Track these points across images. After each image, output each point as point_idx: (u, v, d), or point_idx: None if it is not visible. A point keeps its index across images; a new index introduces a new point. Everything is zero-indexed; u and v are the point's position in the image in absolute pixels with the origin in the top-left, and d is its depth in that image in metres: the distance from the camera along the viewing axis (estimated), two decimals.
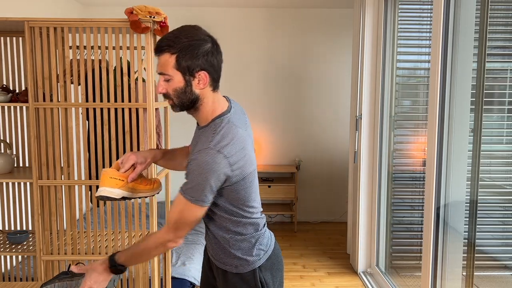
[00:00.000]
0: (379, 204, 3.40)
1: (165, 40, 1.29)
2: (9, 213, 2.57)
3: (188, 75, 1.30)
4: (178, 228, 1.33)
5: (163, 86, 1.32)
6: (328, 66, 4.83)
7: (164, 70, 1.30)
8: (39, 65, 2.17)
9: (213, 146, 1.27)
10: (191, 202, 1.29)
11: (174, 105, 1.36)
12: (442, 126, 2.29)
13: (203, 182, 1.27)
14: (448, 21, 2.25)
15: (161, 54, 1.30)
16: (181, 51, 1.27)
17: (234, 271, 1.46)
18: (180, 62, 1.28)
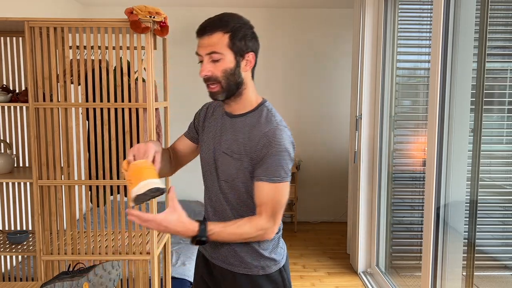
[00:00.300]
0: (379, 204, 3.40)
1: (216, 21, 1.28)
2: (9, 213, 2.58)
3: (239, 56, 1.29)
4: (275, 215, 1.29)
5: (209, 68, 1.27)
6: (328, 66, 4.83)
7: (216, 49, 1.26)
8: (39, 65, 2.17)
9: (280, 124, 1.31)
10: (280, 182, 1.28)
11: (221, 90, 1.30)
12: (442, 126, 2.29)
13: (286, 158, 1.28)
14: (448, 21, 2.25)
15: (213, 33, 1.26)
16: (234, 30, 1.27)
17: (261, 273, 1.39)
18: (234, 41, 1.27)
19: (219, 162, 1.37)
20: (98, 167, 2.23)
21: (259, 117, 1.34)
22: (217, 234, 1.25)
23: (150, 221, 1.17)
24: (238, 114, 1.37)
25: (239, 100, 1.35)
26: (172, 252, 3.38)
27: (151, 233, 2.27)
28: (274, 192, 1.28)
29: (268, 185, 1.27)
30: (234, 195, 1.36)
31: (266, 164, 1.27)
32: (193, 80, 4.80)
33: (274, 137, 1.27)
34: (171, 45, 4.52)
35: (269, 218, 1.29)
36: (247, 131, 1.32)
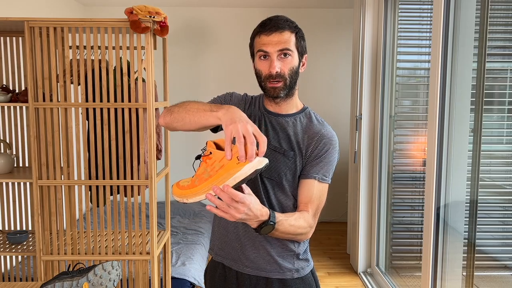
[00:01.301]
0: (379, 204, 3.40)
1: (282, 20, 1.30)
2: (9, 213, 2.58)
3: (300, 56, 1.33)
4: (317, 213, 1.31)
5: (279, 65, 1.28)
6: (328, 66, 4.83)
7: (288, 45, 1.29)
8: (39, 65, 2.17)
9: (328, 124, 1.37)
10: (326, 182, 1.31)
11: (285, 87, 1.30)
12: (442, 126, 2.29)
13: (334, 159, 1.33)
14: (448, 21, 2.25)
15: (283, 31, 1.28)
16: (298, 30, 1.32)
17: (295, 276, 1.35)
18: (299, 40, 1.32)
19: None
20: (98, 167, 2.23)
21: (310, 118, 1.37)
22: (281, 222, 1.19)
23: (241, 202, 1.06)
24: (286, 114, 1.37)
25: (290, 100, 1.36)
26: (172, 252, 3.38)
27: (151, 233, 2.27)
28: (321, 192, 1.31)
29: (318, 184, 1.30)
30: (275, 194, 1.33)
31: (321, 163, 1.30)
32: (193, 80, 4.80)
33: (332, 139, 1.32)
34: (171, 45, 4.52)
35: (313, 216, 1.30)
36: (301, 130, 1.34)
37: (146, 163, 2.28)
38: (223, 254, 1.41)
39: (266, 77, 1.30)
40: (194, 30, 4.73)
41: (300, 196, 1.30)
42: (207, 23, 4.75)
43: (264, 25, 1.29)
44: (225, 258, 1.41)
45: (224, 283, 1.41)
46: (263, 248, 1.33)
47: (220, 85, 4.82)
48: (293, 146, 1.31)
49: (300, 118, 1.36)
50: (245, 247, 1.35)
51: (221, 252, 1.42)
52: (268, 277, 1.34)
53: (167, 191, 2.56)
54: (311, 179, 1.29)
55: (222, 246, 1.42)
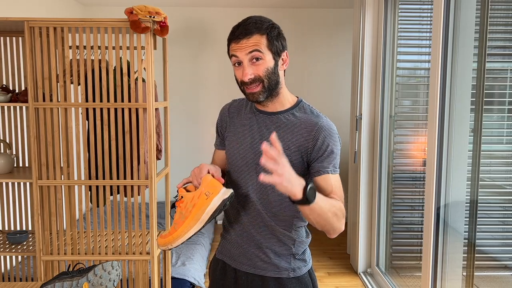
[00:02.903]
0: (379, 204, 3.40)
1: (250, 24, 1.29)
2: (9, 213, 2.57)
3: (276, 55, 1.31)
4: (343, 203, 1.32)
5: (251, 71, 1.27)
6: (328, 66, 4.83)
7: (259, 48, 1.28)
8: (39, 65, 2.17)
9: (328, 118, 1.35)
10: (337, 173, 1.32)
11: (263, 90, 1.29)
12: (442, 126, 2.29)
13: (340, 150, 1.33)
14: (448, 21, 2.24)
15: (251, 36, 1.27)
16: (270, 30, 1.29)
17: (292, 275, 1.36)
18: (271, 41, 1.29)
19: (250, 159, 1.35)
20: (98, 167, 2.23)
21: (304, 112, 1.35)
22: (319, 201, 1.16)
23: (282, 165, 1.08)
24: (278, 111, 1.36)
25: (276, 99, 1.35)
26: (172, 252, 3.38)
27: (151, 233, 2.27)
28: (338, 182, 1.31)
29: (334, 177, 1.30)
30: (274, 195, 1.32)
31: (328, 157, 1.29)
32: (193, 80, 4.80)
33: (330, 129, 1.31)
34: (171, 45, 4.52)
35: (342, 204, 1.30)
36: (296, 126, 1.32)
37: (146, 163, 2.28)
38: (224, 252, 1.45)
39: (242, 83, 1.30)
40: (194, 30, 4.73)
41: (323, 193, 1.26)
42: (207, 23, 4.75)
43: (233, 32, 1.29)
44: (225, 256, 1.44)
45: (224, 279, 1.44)
46: (259, 247, 1.35)
47: (220, 85, 4.82)
48: (289, 144, 1.30)
49: (294, 113, 1.34)
50: (242, 245, 1.37)
51: (222, 250, 1.47)
52: (264, 276, 1.36)
53: (167, 191, 2.56)
54: (325, 174, 1.28)
55: (223, 243, 1.46)
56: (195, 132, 4.80)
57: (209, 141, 4.62)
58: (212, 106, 4.80)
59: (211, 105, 4.83)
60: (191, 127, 4.78)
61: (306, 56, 4.81)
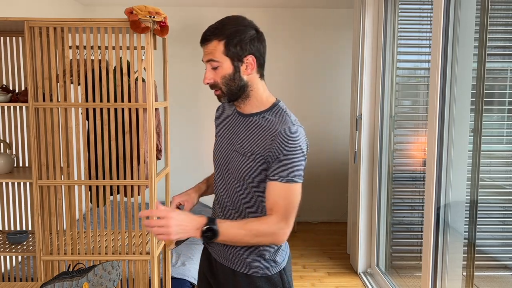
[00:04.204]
0: (379, 204, 3.40)
1: (212, 29, 1.31)
2: (9, 213, 2.58)
3: (237, 61, 1.31)
4: (288, 216, 1.29)
5: (210, 76, 1.32)
6: (328, 66, 4.83)
7: (213, 56, 1.30)
8: (39, 65, 2.17)
9: (295, 123, 1.32)
10: (293, 182, 1.28)
11: (222, 95, 1.34)
12: (442, 126, 2.29)
13: (300, 158, 1.29)
14: (448, 21, 2.24)
15: (209, 42, 1.30)
16: (229, 37, 1.29)
17: (260, 274, 1.38)
18: (228, 47, 1.29)
19: (231, 160, 1.38)
20: (98, 167, 2.23)
21: (274, 116, 1.34)
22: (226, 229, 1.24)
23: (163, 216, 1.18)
24: (251, 113, 1.38)
25: (248, 101, 1.37)
26: (172, 252, 3.38)
27: (151, 233, 2.27)
28: (287, 193, 1.28)
29: (282, 185, 1.27)
30: (244, 195, 1.37)
31: (280, 164, 1.27)
32: (193, 80, 4.80)
33: (289, 136, 1.27)
34: (171, 45, 4.52)
35: (281, 218, 1.28)
36: (261, 130, 1.33)
37: (146, 163, 2.28)
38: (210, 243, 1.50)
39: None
40: (194, 30, 4.73)
41: (266, 201, 1.30)
42: (207, 23, 4.72)
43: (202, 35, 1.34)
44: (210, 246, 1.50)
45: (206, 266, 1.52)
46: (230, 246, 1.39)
47: None
48: (253, 146, 1.32)
49: (266, 116, 1.35)
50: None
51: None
52: (236, 270, 1.40)
53: (167, 191, 2.56)
54: (273, 181, 1.28)
55: None
56: (195, 132, 4.80)
57: (209, 141, 4.62)
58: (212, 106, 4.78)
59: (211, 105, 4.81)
60: (191, 127, 4.78)
61: (306, 56, 4.81)
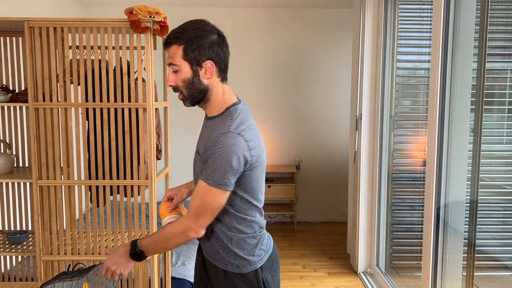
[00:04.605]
0: (379, 204, 3.40)
1: (173, 33, 1.35)
2: (9, 213, 2.57)
3: (195, 65, 1.35)
4: (200, 215, 1.33)
5: (172, 79, 1.36)
6: (328, 66, 4.83)
7: (173, 60, 1.35)
8: (39, 65, 2.17)
9: (233, 130, 1.32)
10: (213, 186, 1.31)
11: (185, 99, 1.39)
12: (442, 126, 2.29)
13: (225, 164, 1.29)
14: (448, 21, 2.24)
15: (170, 46, 1.35)
16: (187, 41, 1.33)
17: (236, 271, 1.44)
18: (187, 52, 1.33)
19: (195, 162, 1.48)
20: (98, 167, 2.23)
21: (221, 120, 1.39)
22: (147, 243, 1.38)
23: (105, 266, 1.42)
24: (211, 116, 1.44)
25: (208, 105, 1.43)
26: (172, 252, 3.38)
27: (151, 233, 2.26)
28: (204, 193, 1.32)
29: (203, 184, 1.33)
30: None
31: (207, 165, 1.33)
32: None
33: (218, 141, 1.30)
34: None
35: (192, 216, 1.34)
36: (209, 133, 1.39)
37: (146, 163, 2.28)
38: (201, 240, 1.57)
39: None
40: None
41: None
42: None
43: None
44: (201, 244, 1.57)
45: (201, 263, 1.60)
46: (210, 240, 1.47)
47: None
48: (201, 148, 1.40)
49: (216, 121, 1.40)
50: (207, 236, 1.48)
51: None
52: (217, 266, 1.47)
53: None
54: (199, 179, 1.35)
55: None
56: (195, 132, 4.80)
57: None
58: None
59: None
60: (191, 127, 4.78)
61: (306, 56, 4.81)
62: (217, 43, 1.37)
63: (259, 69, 4.77)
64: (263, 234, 1.50)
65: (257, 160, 1.36)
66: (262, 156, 1.40)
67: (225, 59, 1.41)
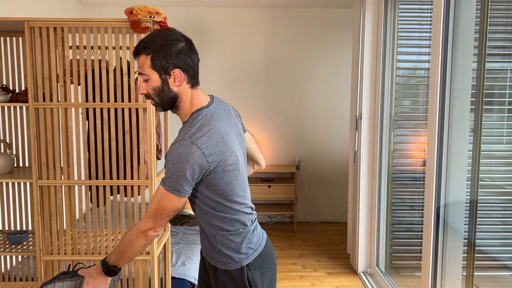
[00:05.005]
0: (379, 204, 3.40)
1: (141, 43, 1.38)
2: (9, 213, 2.57)
3: (164, 74, 1.37)
4: (157, 217, 1.37)
5: (143, 87, 1.39)
6: (328, 66, 4.83)
7: (142, 70, 1.37)
8: (39, 65, 2.17)
9: (188, 138, 1.33)
10: (169, 191, 1.35)
11: (156, 105, 1.43)
12: (442, 126, 2.29)
13: (178, 173, 1.32)
14: (448, 21, 2.25)
15: (138, 56, 1.38)
16: (155, 51, 1.35)
17: (223, 267, 1.48)
18: (154, 61, 1.35)
19: None
20: (98, 167, 2.23)
21: (185, 127, 1.42)
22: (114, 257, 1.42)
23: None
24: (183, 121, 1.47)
25: (180, 111, 1.46)
26: (172, 252, 3.38)
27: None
28: (160, 196, 1.37)
29: (160, 188, 1.37)
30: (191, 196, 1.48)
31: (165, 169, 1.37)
32: None
33: (173, 149, 1.33)
34: None
35: (148, 218, 1.37)
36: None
37: (146, 163, 2.28)
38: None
39: None
40: (194, 30, 4.73)
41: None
42: (207, 23, 4.75)
43: None
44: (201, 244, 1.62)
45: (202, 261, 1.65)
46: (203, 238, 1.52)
47: (220, 84, 4.82)
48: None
49: (184, 126, 1.44)
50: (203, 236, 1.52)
51: None
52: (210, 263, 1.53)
53: None
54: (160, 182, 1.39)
55: None
56: None
57: None
58: None
59: None
60: None
61: (306, 56, 4.81)
62: (184, 51, 1.37)
63: (259, 69, 4.77)
64: (250, 231, 1.49)
65: (219, 165, 1.35)
66: (228, 160, 1.37)
67: (193, 66, 1.41)
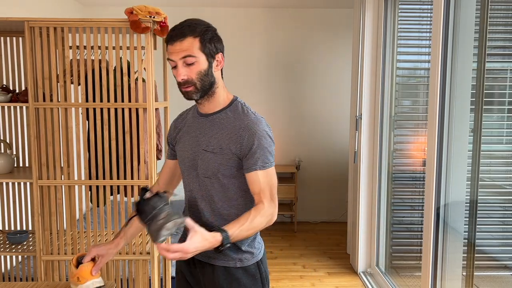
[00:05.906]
0: (379, 204, 3.40)
1: (185, 27, 1.34)
2: (9, 213, 2.58)
3: (210, 57, 1.36)
4: (273, 197, 1.38)
5: (184, 73, 1.33)
6: (328, 66, 4.83)
7: (190, 52, 1.32)
8: (39, 65, 2.17)
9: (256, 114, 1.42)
10: (271, 166, 1.38)
11: (196, 91, 1.36)
12: (442, 126, 2.29)
13: (270, 143, 1.38)
14: (448, 21, 2.25)
15: (184, 39, 1.32)
16: (203, 34, 1.34)
17: (238, 265, 1.44)
18: (204, 43, 1.34)
19: (199, 160, 1.43)
20: (98, 167, 2.23)
21: (236, 111, 1.41)
22: (237, 235, 1.30)
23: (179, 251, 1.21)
24: (214, 112, 1.44)
25: (212, 99, 1.42)
26: None
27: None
28: (267, 178, 1.37)
29: (262, 173, 1.36)
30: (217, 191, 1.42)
31: (256, 154, 1.36)
32: None
33: (256, 127, 1.36)
34: None
35: (270, 202, 1.37)
36: (225, 126, 1.40)
37: (146, 163, 2.28)
38: None
39: (178, 84, 1.37)
40: None
41: (251, 189, 1.39)
42: None
43: (169, 34, 1.35)
44: None
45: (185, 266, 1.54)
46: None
47: None
48: (221, 143, 1.39)
49: (227, 112, 1.42)
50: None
51: None
52: (214, 264, 1.44)
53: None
54: (253, 171, 1.36)
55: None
56: None
57: None
58: None
59: None
60: None
61: (306, 56, 4.81)
62: (220, 38, 1.40)
63: (259, 69, 4.77)
64: None
65: None
66: None
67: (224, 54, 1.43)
